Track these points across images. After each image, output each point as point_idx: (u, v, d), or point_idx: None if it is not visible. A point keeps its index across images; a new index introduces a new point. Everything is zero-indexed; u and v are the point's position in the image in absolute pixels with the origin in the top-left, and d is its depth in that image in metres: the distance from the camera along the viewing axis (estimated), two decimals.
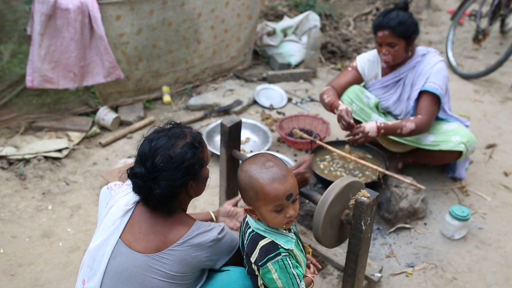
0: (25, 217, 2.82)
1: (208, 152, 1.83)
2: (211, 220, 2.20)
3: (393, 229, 2.77)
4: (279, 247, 1.68)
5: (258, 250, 1.68)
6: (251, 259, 1.70)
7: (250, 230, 1.74)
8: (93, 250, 1.76)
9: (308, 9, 5.52)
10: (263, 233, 1.70)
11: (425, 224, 2.86)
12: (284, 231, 1.73)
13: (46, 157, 3.28)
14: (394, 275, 2.51)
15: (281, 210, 1.64)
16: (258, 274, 1.73)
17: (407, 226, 2.80)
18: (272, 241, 1.68)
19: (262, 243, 1.68)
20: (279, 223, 1.67)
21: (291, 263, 1.68)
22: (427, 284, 2.47)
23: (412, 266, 2.57)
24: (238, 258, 1.83)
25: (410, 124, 2.73)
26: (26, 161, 3.24)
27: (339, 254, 2.47)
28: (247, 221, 1.79)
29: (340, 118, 2.71)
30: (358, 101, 2.97)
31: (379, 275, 2.41)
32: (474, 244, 2.72)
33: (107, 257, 1.72)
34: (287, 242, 1.70)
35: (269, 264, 1.65)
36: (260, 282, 1.74)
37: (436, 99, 2.79)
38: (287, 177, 1.63)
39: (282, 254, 1.66)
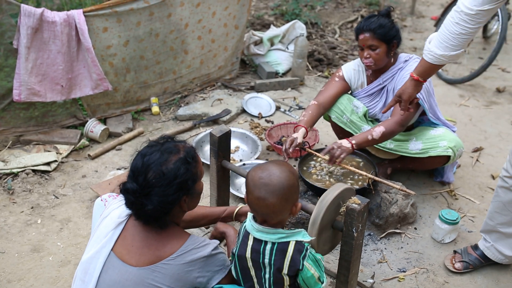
0: (14, 232, 2.79)
1: (202, 166, 1.81)
2: (231, 216, 2.22)
3: (384, 234, 2.79)
4: (303, 243, 1.72)
5: (290, 257, 1.69)
6: (283, 272, 1.70)
7: (269, 246, 1.71)
8: (85, 262, 1.74)
9: (294, 18, 5.57)
10: (285, 239, 1.71)
11: (415, 228, 2.88)
12: (293, 229, 1.78)
13: (34, 171, 3.25)
14: (386, 281, 2.52)
15: None
16: (286, 283, 1.73)
17: (398, 231, 2.82)
18: (296, 241, 1.71)
19: (290, 249, 1.70)
20: None
21: (313, 250, 1.75)
22: None
23: (404, 271, 2.58)
24: (231, 279, 1.81)
25: (378, 128, 2.75)
26: (14, 175, 3.20)
27: (331, 261, 2.48)
28: (253, 245, 1.74)
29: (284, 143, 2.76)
30: (349, 113, 3.00)
31: (371, 281, 2.42)
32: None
33: (99, 270, 1.70)
34: (304, 236, 1.74)
35: (305, 263, 1.70)
36: None
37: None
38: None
39: (308, 248, 1.73)
